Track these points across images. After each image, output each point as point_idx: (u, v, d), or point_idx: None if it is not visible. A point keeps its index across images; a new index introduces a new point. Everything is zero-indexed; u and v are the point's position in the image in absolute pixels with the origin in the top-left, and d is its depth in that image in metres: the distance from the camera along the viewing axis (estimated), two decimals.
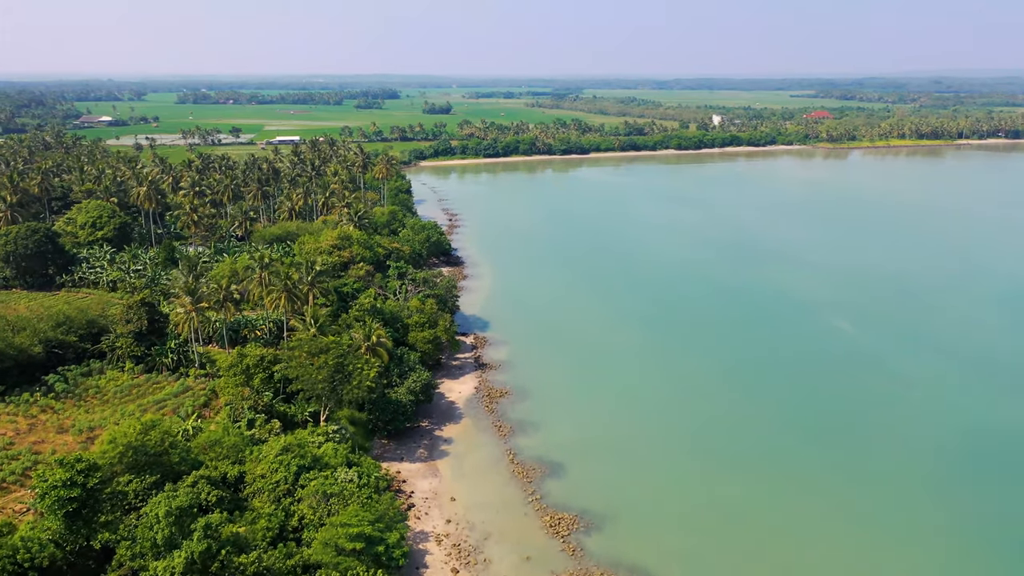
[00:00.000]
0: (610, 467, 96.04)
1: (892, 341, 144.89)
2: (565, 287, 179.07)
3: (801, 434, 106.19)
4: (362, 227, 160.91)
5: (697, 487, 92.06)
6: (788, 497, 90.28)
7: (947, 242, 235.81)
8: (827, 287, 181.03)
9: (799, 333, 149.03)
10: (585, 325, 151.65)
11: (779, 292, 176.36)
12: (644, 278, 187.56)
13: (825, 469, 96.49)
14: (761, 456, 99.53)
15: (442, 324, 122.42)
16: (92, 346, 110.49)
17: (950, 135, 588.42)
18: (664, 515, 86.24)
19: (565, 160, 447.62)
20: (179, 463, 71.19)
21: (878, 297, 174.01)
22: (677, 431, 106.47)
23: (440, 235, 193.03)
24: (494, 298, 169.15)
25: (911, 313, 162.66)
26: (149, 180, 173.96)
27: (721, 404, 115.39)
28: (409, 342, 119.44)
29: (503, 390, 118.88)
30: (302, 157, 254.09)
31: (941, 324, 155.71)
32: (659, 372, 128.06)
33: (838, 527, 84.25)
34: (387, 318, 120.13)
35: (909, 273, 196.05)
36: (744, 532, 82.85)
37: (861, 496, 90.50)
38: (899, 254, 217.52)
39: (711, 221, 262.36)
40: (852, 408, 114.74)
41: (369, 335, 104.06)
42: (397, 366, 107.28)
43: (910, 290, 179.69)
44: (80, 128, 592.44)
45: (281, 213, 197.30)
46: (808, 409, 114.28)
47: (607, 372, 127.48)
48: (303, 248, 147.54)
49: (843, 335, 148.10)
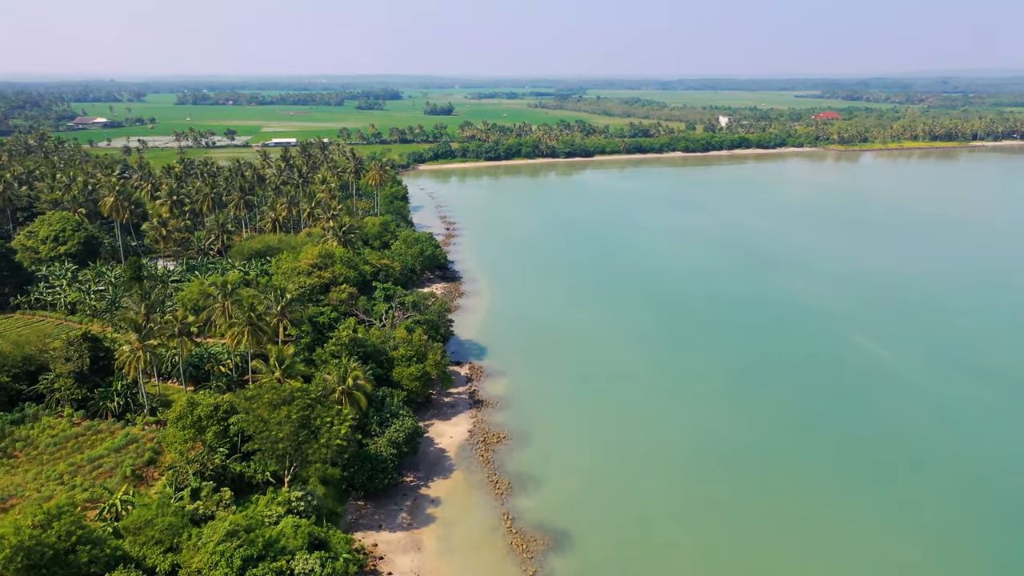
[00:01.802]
0: (624, 535, 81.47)
1: (921, 361, 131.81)
2: (569, 302, 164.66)
3: (833, 484, 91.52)
4: (347, 243, 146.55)
5: (727, 554, 77.51)
6: (826, 556, 75.85)
7: (973, 251, 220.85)
8: (846, 299, 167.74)
9: (819, 353, 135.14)
10: (591, 347, 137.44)
11: (796, 304, 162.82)
12: (653, 291, 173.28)
13: (864, 525, 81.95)
14: (791, 507, 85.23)
15: (432, 358, 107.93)
16: (28, 387, 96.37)
17: (964, 136, 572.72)
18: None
19: (569, 163, 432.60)
20: (89, 563, 56.76)
21: (901, 310, 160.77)
22: (699, 482, 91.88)
23: (435, 248, 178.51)
24: (493, 318, 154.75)
25: (938, 328, 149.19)
26: (117, 189, 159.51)
27: (743, 441, 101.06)
28: (393, 379, 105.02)
29: (501, 433, 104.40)
30: (291, 163, 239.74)
31: (973, 341, 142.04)
32: (673, 404, 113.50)
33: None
34: (369, 351, 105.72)
35: (933, 284, 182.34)
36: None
37: (911, 554, 76.22)
38: (921, 263, 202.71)
39: (722, 228, 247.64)
40: (888, 443, 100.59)
41: (345, 376, 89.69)
42: (378, 412, 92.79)
43: (936, 303, 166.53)
44: (74, 130, 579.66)
45: (264, 224, 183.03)
46: (840, 450, 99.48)
47: (616, 406, 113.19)
48: (281, 267, 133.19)
49: (865, 353, 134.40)
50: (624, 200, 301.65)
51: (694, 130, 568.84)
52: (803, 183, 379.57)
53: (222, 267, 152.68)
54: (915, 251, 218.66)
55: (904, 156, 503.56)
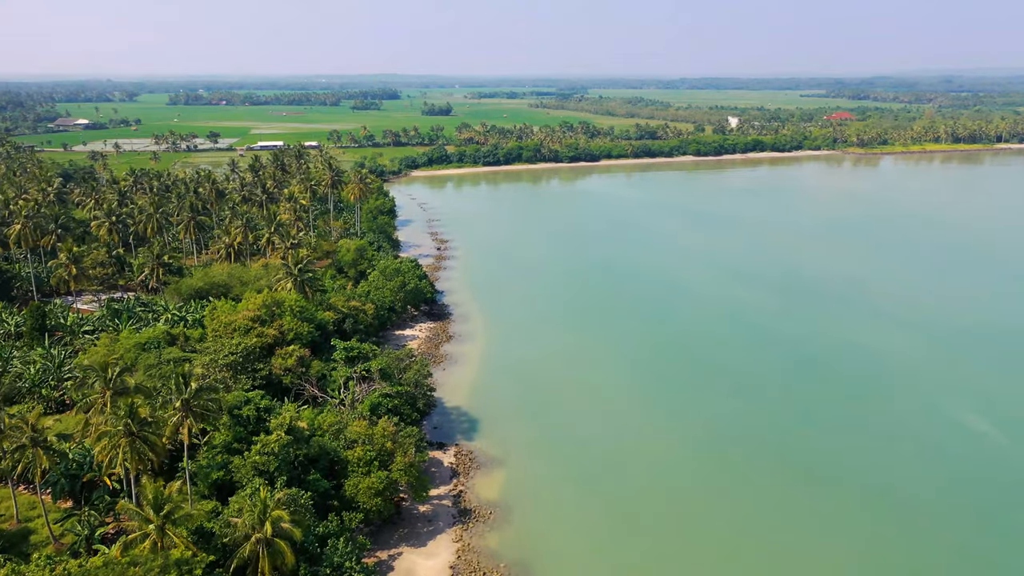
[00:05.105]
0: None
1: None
2: (581, 351, 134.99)
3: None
4: (305, 283, 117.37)
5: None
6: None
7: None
8: (921, 348, 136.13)
9: (899, 431, 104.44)
10: (608, 414, 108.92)
11: (858, 356, 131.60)
12: (683, 338, 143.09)
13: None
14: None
15: (400, 459, 78.73)
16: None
17: (988, 139, 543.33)
18: None
19: (573, 168, 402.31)
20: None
21: (997, 364, 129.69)
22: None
23: (420, 280, 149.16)
24: (487, 372, 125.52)
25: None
26: (25, 215, 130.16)
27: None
28: (347, 494, 75.90)
29: (496, 568, 75.44)
30: (260, 174, 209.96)
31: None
32: (719, 509, 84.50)
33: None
34: (313, 454, 76.63)
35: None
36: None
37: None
38: (1000, 297, 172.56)
39: (750, 248, 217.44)
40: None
41: (263, 518, 60.59)
42: (311, 566, 63.64)
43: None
44: (53, 132, 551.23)
45: (217, 252, 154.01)
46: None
47: (646, 507, 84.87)
48: (216, 319, 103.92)
49: (979, 439, 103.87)
50: (636, 213, 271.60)
51: (703, 131, 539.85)
52: (831, 191, 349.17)
53: (153, 311, 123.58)
54: (986, 280, 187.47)
55: (926, 159, 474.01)
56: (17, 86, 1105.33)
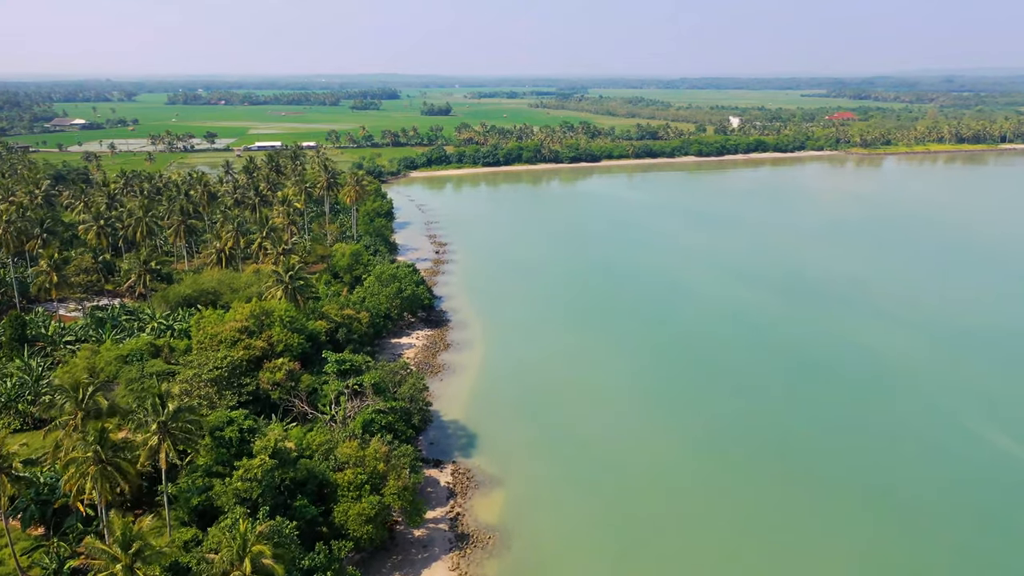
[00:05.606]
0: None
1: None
2: (584, 357, 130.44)
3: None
4: (296, 291, 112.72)
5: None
6: None
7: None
8: (942, 356, 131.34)
9: (913, 435, 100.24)
10: (609, 415, 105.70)
11: (875, 363, 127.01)
12: (680, 331, 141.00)
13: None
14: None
15: (393, 482, 74.08)
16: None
17: (992, 139, 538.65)
18: None
19: (573, 169, 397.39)
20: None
21: (1017, 374, 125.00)
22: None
23: (417, 286, 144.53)
24: (486, 383, 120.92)
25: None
26: (6, 219, 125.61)
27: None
28: (336, 520, 71.27)
29: None
30: (254, 176, 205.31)
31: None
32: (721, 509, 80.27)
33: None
34: (299, 479, 71.98)
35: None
36: None
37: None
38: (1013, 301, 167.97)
39: (752, 248, 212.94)
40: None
41: (242, 555, 55.96)
42: None
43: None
44: (49, 132, 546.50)
45: (208, 256, 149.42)
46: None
47: (646, 508, 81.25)
48: (202, 330, 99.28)
49: (981, 440, 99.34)
50: (639, 214, 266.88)
51: (705, 132, 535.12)
52: (834, 191, 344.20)
53: (139, 319, 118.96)
54: (989, 281, 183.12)
55: (930, 160, 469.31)
56: (15, 86, 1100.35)
